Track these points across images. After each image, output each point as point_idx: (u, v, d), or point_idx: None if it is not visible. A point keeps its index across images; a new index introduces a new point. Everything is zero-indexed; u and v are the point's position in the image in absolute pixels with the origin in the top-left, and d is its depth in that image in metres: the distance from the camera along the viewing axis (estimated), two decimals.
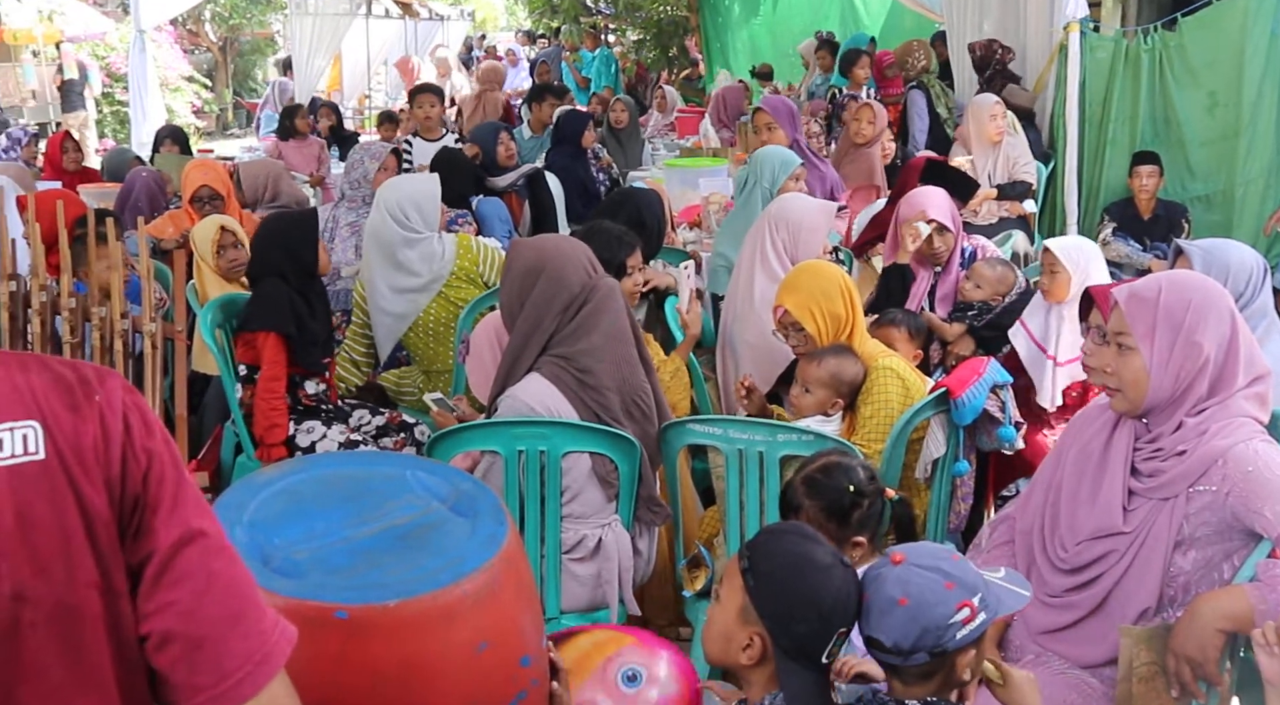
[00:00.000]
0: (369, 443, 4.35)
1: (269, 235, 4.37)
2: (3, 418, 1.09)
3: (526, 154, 8.43)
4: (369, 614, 1.80)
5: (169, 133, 9.05)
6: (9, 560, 1.07)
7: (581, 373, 3.16)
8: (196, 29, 21.46)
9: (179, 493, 1.19)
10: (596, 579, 3.23)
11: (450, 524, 2.03)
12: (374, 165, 5.45)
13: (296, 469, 2.15)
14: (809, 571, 2.04)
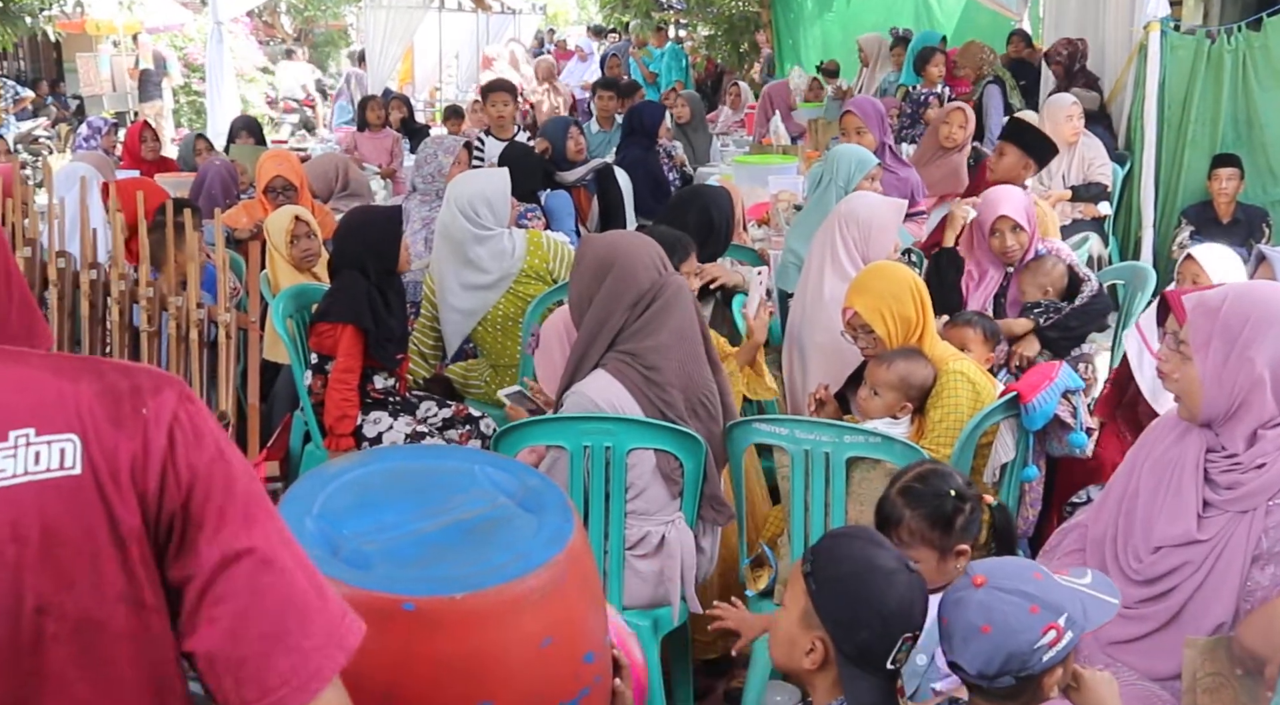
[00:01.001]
0: (434, 435, 4.38)
1: (353, 228, 4.41)
2: (42, 430, 1.08)
3: (595, 148, 8.44)
4: (436, 606, 1.81)
5: (244, 124, 9.16)
6: (32, 574, 1.06)
7: (648, 370, 3.16)
8: (272, 20, 21.75)
9: (226, 509, 1.17)
10: (659, 576, 3.23)
11: (517, 519, 2.04)
12: (448, 159, 5.48)
13: (365, 461, 2.17)
14: (871, 576, 2.02)
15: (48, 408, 1.09)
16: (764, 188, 6.86)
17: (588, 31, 22.80)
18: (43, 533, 1.06)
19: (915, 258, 5.46)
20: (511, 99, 7.23)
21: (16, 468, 1.06)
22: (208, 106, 13.53)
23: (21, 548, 1.05)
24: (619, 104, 9.19)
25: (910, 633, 2.00)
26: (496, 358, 4.88)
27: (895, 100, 9.21)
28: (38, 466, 1.07)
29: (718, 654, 3.73)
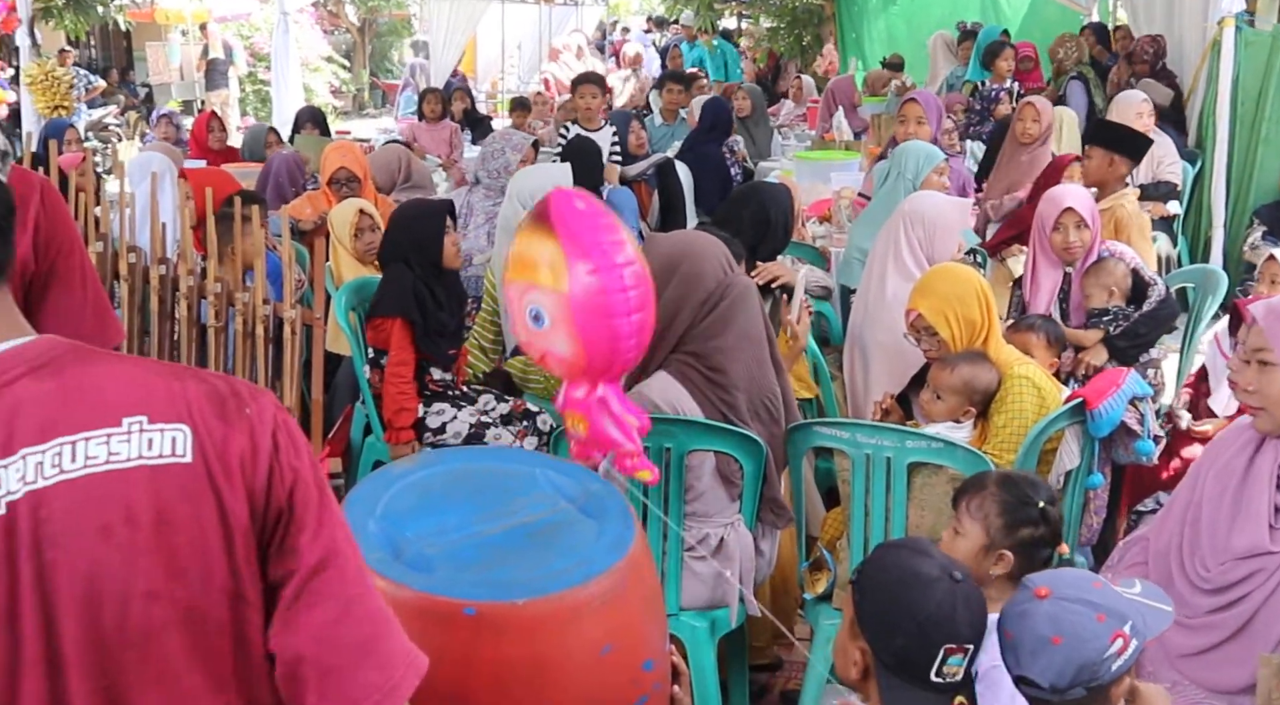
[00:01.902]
0: (498, 425, 4.39)
1: (398, 222, 4.44)
2: (154, 419, 1.10)
3: (657, 142, 8.43)
4: (497, 611, 1.82)
5: (309, 115, 9.25)
6: (146, 558, 1.08)
7: (711, 371, 3.14)
8: (336, 10, 21.92)
9: (323, 514, 1.19)
10: (717, 578, 3.21)
11: (578, 524, 2.04)
12: (515, 156, 5.49)
13: (428, 462, 2.18)
14: (908, 584, 2.01)
15: (158, 400, 1.11)
16: (826, 184, 6.82)
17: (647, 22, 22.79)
18: (156, 516, 1.08)
19: (980, 258, 5.41)
20: (600, 91, 7.21)
21: (130, 451, 1.08)
22: (273, 95, 13.70)
23: (134, 530, 1.07)
24: (685, 98, 9.17)
25: (954, 644, 1.97)
26: None
27: (962, 96, 9.11)
28: (150, 452, 1.09)
29: (771, 660, 3.72)
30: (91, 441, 1.06)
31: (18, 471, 1.03)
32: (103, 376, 1.10)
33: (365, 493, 2.03)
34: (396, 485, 2.06)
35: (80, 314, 1.98)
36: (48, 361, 1.08)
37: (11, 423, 1.04)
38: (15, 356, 1.07)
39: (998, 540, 2.53)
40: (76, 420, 1.06)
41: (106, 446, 1.07)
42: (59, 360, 1.09)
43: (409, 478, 2.09)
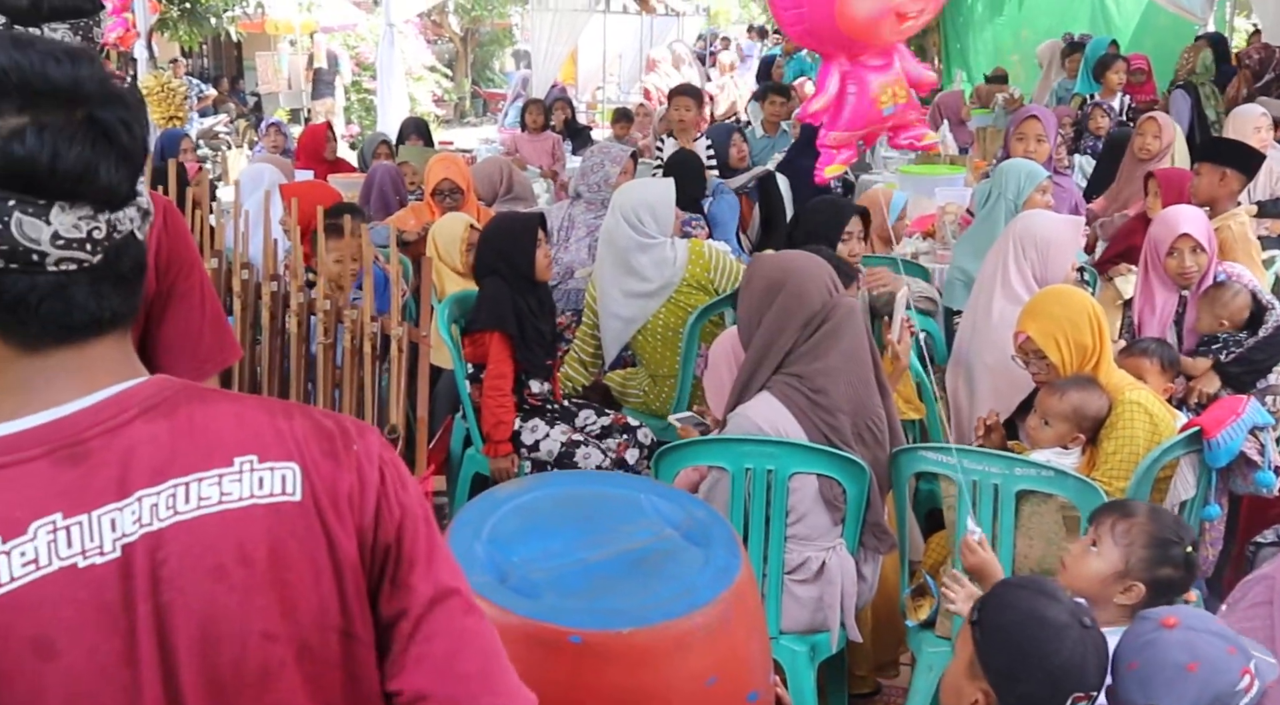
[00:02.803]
0: (589, 444, 4.40)
1: (489, 236, 4.47)
2: (264, 457, 1.10)
3: (757, 155, 8.39)
4: (602, 640, 1.81)
5: (414, 126, 9.37)
6: (260, 597, 1.08)
7: (815, 393, 3.11)
8: (440, 20, 22.22)
9: (432, 549, 1.18)
10: (818, 602, 3.17)
11: (683, 552, 2.03)
12: (615, 169, 5.49)
13: (534, 486, 2.18)
14: (1039, 628, 1.95)
15: (267, 439, 1.11)
16: (930, 198, 6.72)
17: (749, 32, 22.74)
18: (269, 555, 1.08)
19: (1089, 276, 5.29)
20: (695, 104, 7.21)
21: (242, 491, 1.08)
22: (377, 104, 13.92)
23: (248, 570, 1.07)
24: (787, 110, 9.12)
25: (1080, 691, 1.92)
26: (655, 367, 4.88)
27: (1070, 109, 8.93)
28: (261, 491, 1.09)
29: (871, 688, 3.66)
30: (204, 482, 1.07)
31: (133, 514, 1.04)
32: (213, 416, 1.11)
33: (472, 515, 2.03)
34: (503, 508, 2.06)
35: (199, 332, 2.01)
36: (159, 402, 1.09)
37: (126, 465, 1.05)
38: (128, 398, 1.07)
39: (1135, 571, 2.45)
40: (189, 461, 1.07)
41: (219, 487, 1.07)
42: (170, 401, 1.10)
43: (515, 501, 2.09)
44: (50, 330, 1.04)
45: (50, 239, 0.99)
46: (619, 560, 1.99)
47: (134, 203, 1.05)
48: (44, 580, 1.00)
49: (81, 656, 1.01)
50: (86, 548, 1.02)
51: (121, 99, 1.03)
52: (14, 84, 0.97)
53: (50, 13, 1.84)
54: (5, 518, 1.00)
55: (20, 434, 1.03)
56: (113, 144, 1.01)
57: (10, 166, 0.96)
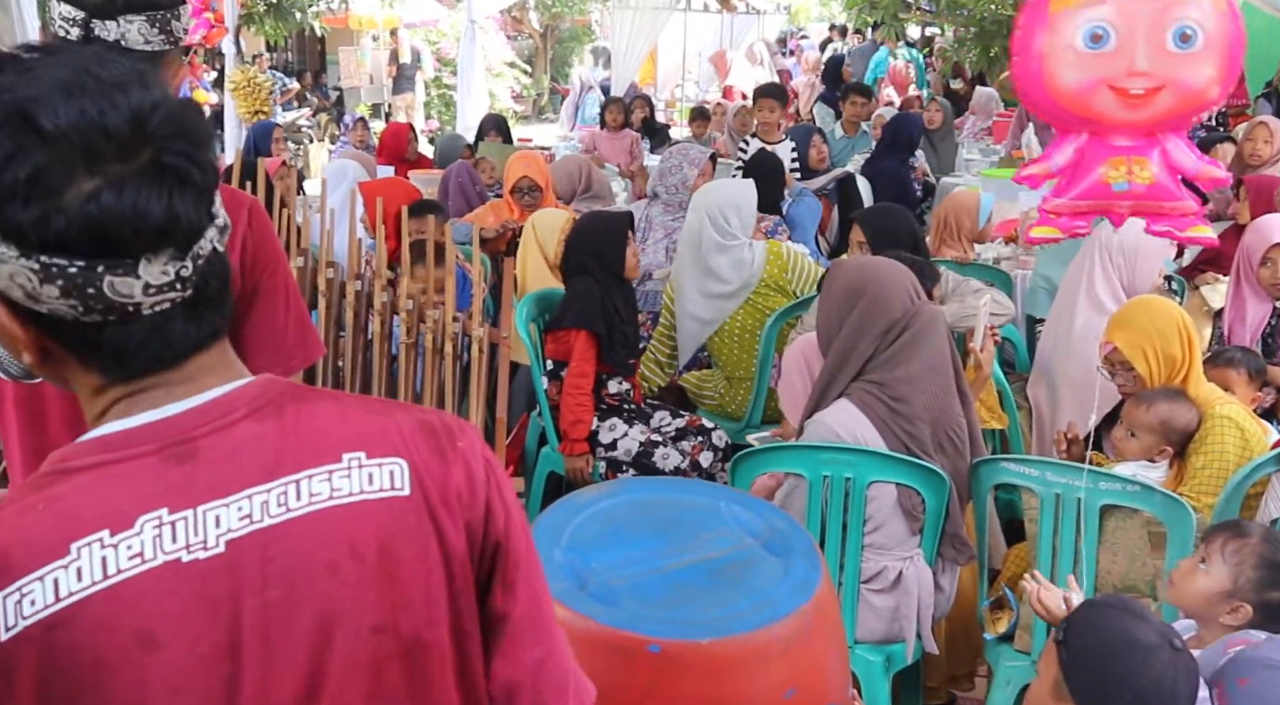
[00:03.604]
0: (668, 444, 4.39)
1: (582, 234, 4.47)
2: (373, 454, 1.11)
3: (837, 155, 8.33)
4: (681, 650, 1.81)
5: (493, 123, 9.42)
6: (372, 591, 1.09)
7: (895, 401, 3.07)
8: (520, 16, 22.31)
9: (529, 552, 1.20)
10: (894, 612, 3.14)
11: (763, 563, 2.01)
12: (693, 171, 5.48)
13: (614, 491, 2.18)
14: (1127, 650, 1.91)
15: (373, 435, 1.13)
16: (1013, 203, 6.62)
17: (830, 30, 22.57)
18: (380, 550, 1.09)
19: (1176, 285, 5.18)
20: (779, 105, 7.18)
21: (351, 486, 1.09)
22: (457, 100, 14.01)
23: (360, 564, 1.08)
24: (868, 110, 9.05)
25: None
26: (731, 369, 4.86)
27: None
28: (371, 486, 1.10)
29: (945, 700, 3.62)
30: (314, 479, 1.08)
31: (240, 510, 1.05)
32: (319, 415, 1.12)
33: (552, 520, 2.04)
34: (583, 514, 2.07)
35: (283, 330, 2.02)
36: (265, 403, 1.10)
37: (234, 463, 1.06)
38: (236, 398, 1.09)
39: (1243, 592, 2.39)
40: (298, 459, 1.08)
41: (329, 483, 1.09)
42: (276, 401, 1.11)
43: (595, 506, 2.09)
44: (152, 362, 1.06)
45: (142, 290, 1.00)
46: (698, 569, 1.99)
47: (212, 224, 1.06)
48: (148, 574, 1.01)
49: (183, 649, 1.02)
50: (190, 543, 1.03)
51: (184, 131, 1.02)
52: (76, 146, 0.96)
53: (126, 5, 1.84)
54: (114, 512, 1.02)
55: (132, 430, 1.06)
56: (187, 184, 1.01)
57: (93, 232, 0.96)
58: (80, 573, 0.99)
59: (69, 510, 1.01)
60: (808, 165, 7.13)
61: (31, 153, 0.95)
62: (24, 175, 0.94)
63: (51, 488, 1.03)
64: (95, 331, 1.01)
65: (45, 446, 1.89)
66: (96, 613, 0.99)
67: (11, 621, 0.98)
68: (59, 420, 1.88)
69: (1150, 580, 2.99)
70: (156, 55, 1.91)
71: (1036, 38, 2.41)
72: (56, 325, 1.01)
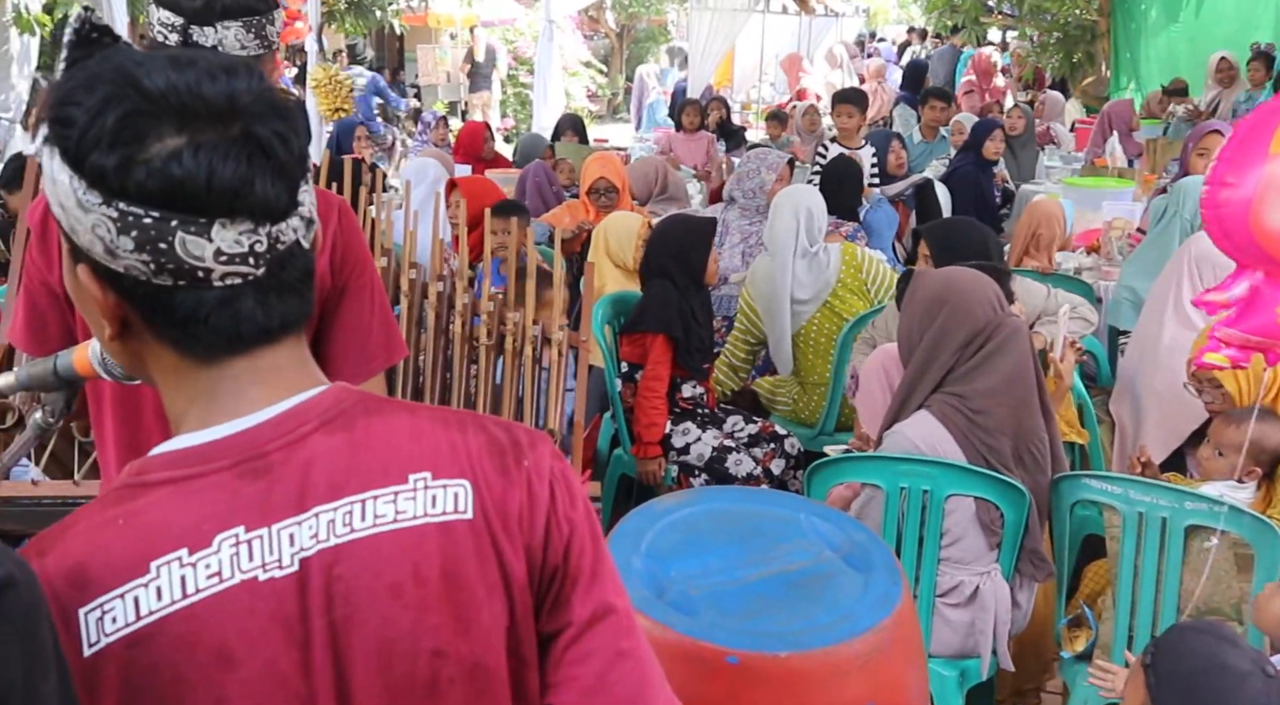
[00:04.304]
0: (740, 450, 4.38)
1: (665, 237, 4.46)
2: (438, 474, 1.10)
3: (915, 160, 8.25)
4: (759, 662, 1.80)
5: (570, 123, 9.46)
6: (433, 615, 1.08)
7: (975, 414, 3.03)
8: (597, 16, 22.36)
9: (597, 566, 1.17)
10: (970, 627, 3.10)
11: (843, 576, 2.00)
12: (770, 176, 5.45)
13: (693, 500, 2.17)
14: (1219, 676, 1.87)
15: (441, 454, 1.12)
16: (1095, 212, 6.52)
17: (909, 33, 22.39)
18: (442, 574, 1.09)
19: None
20: (858, 111, 7.11)
21: (416, 509, 1.09)
22: (534, 99, 14.09)
23: (422, 588, 1.08)
24: (947, 115, 8.95)
25: None
26: (806, 375, 4.83)
27: None
28: (434, 509, 1.09)
29: None
30: (380, 500, 1.08)
31: (310, 529, 1.05)
32: (389, 430, 1.12)
33: (631, 527, 2.03)
34: (661, 522, 2.06)
35: (369, 330, 2.04)
36: (337, 415, 1.10)
37: (304, 479, 1.06)
38: (309, 410, 1.09)
39: None
40: (365, 478, 1.08)
41: (394, 505, 1.08)
42: (348, 413, 1.11)
43: (674, 514, 2.09)
44: (220, 342, 1.06)
45: (213, 255, 1.00)
46: (777, 581, 1.97)
47: (296, 213, 1.05)
48: (226, 593, 1.02)
49: (260, 667, 1.03)
50: (266, 561, 1.04)
51: (278, 111, 1.03)
52: (171, 106, 0.98)
53: (223, 11, 1.87)
54: (192, 529, 1.02)
55: (207, 445, 1.06)
56: (269, 158, 1.01)
57: (170, 187, 0.97)
58: (160, 592, 1.00)
59: (148, 526, 1.02)
60: (886, 171, 7.06)
61: (124, 103, 0.97)
62: (112, 122, 0.96)
63: (130, 501, 1.04)
64: (167, 295, 1.02)
65: (139, 440, 1.92)
66: (176, 631, 1.00)
67: (94, 638, 0.99)
68: (152, 414, 1.91)
69: (1235, 603, 2.92)
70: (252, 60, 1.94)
71: (1254, 170, 2.48)
72: (132, 290, 1.02)
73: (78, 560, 1.00)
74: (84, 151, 0.97)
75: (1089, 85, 13.45)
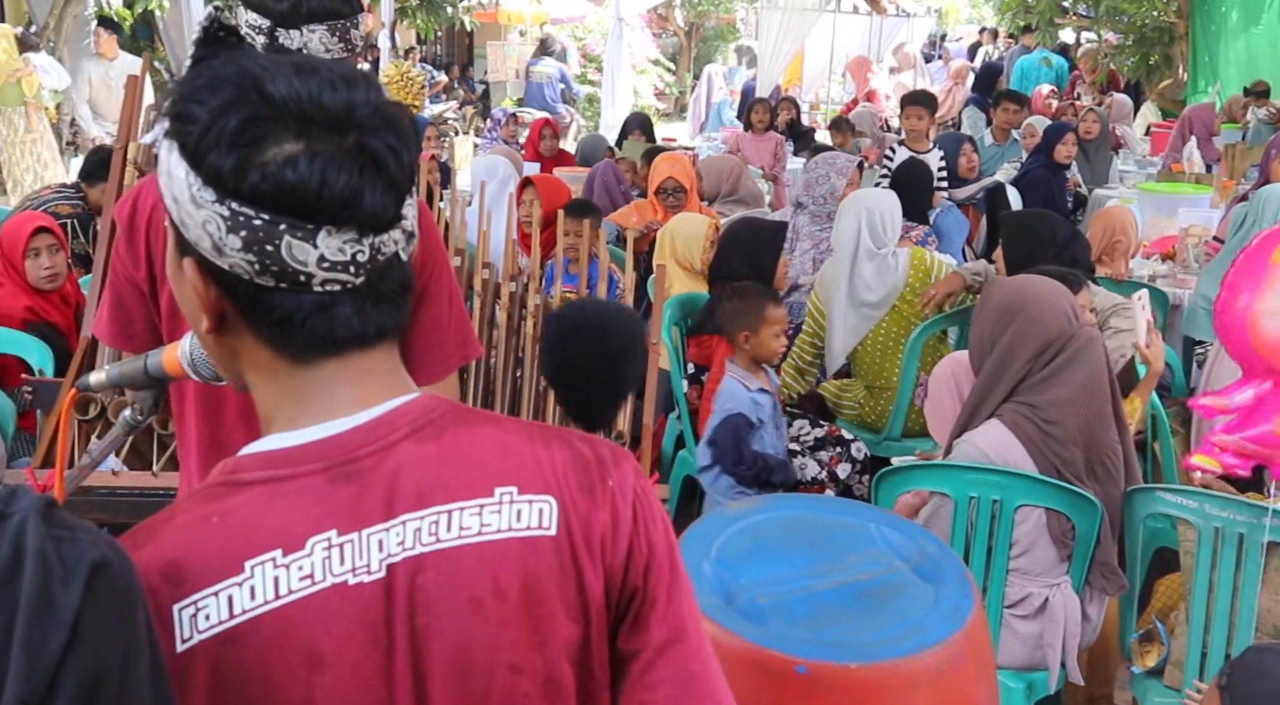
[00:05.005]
0: (806, 454, 4.36)
1: (735, 240, 4.45)
2: (524, 489, 1.11)
3: (987, 163, 8.16)
4: (829, 673, 1.79)
5: (638, 122, 9.46)
6: (511, 630, 1.09)
7: (1047, 424, 3.00)
8: (665, 14, 22.36)
9: (673, 588, 1.17)
10: (1038, 639, 3.07)
11: (913, 587, 1.98)
12: (840, 181, 5.41)
13: (763, 507, 2.17)
14: None
15: (527, 469, 1.12)
16: (1171, 218, 6.41)
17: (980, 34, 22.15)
18: (522, 590, 1.09)
19: None
20: (928, 113, 7.06)
21: (500, 523, 1.09)
22: (602, 97, 14.12)
23: (502, 603, 1.08)
24: (1020, 117, 8.84)
25: None
26: (873, 379, 4.80)
27: None
28: (519, 524, 1.10)
29: None
30: (465, 512, 1.08)
31: (397, 536, 1.06)
32: (477, 442, 1.12)
33: (701, 532, 2.03)
34: (731, 528, 2.06)
35: (446, 331, 2.06)
36: (427, 423, 1.11)
37: (393, 486, 1.07)
38: (400, 417, 1.10)
39: None
40: (452, 489, 1.09)
41: (479, 517, 1.09)
42: (438, 422, 1.11)
43: (744, 521, 2.08)
44: (316, 344, 1.07)
45: (316, 261, 1.02)
46: (846, 591, 1.96)
47: (399, 226, 1.07)
48: (317, 595, 1.03)
49: (346, 670, 1.04)
50: (356, 566, 1.05)
51: (392, 125, 1.05)
52: (291, 112, 1.00)
53: (309, 15, 1.90)
54: (286, 532, 1.04)
55: (301, 447, 1.07)
56: (380, 170, 1.03)
57: (283, 192, 0.99)
58: (254, 591, 1.02)
59: (241, 526, 1.04)
60: (956, 174, 7.00)
61: (247, 106, 0.99)
62: (234, 124, 0.99)
63: (224, 500, 1.05)
64: (267, 295, 1.04)
65: (221, 437, 1.96)
66: (267, 631, 1.01)
67: (187, 634, 1.00)
68: (234, 411, 1.94)
69: None
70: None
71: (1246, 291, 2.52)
72: (233, 286, 1.04)
73: (173, 556, 1.02)
74: (203, 150, 0.99)
75: (1165, 88, 13.22)
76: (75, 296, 4.55)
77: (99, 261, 3.13)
